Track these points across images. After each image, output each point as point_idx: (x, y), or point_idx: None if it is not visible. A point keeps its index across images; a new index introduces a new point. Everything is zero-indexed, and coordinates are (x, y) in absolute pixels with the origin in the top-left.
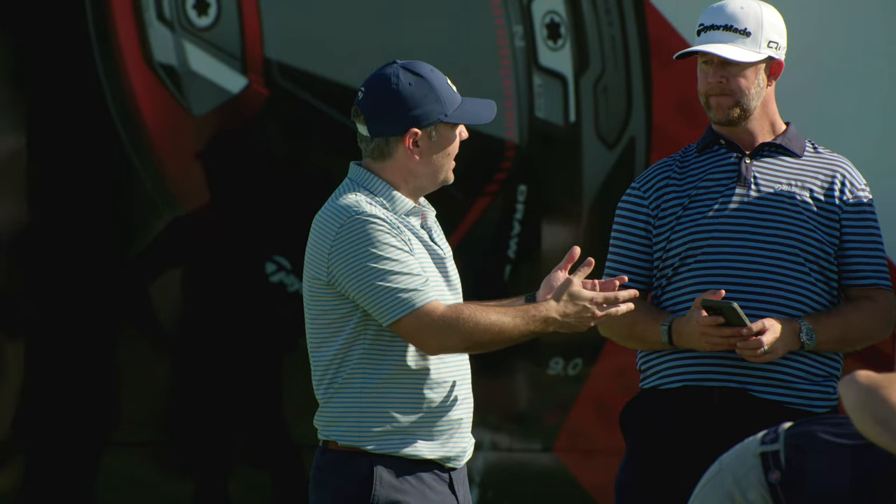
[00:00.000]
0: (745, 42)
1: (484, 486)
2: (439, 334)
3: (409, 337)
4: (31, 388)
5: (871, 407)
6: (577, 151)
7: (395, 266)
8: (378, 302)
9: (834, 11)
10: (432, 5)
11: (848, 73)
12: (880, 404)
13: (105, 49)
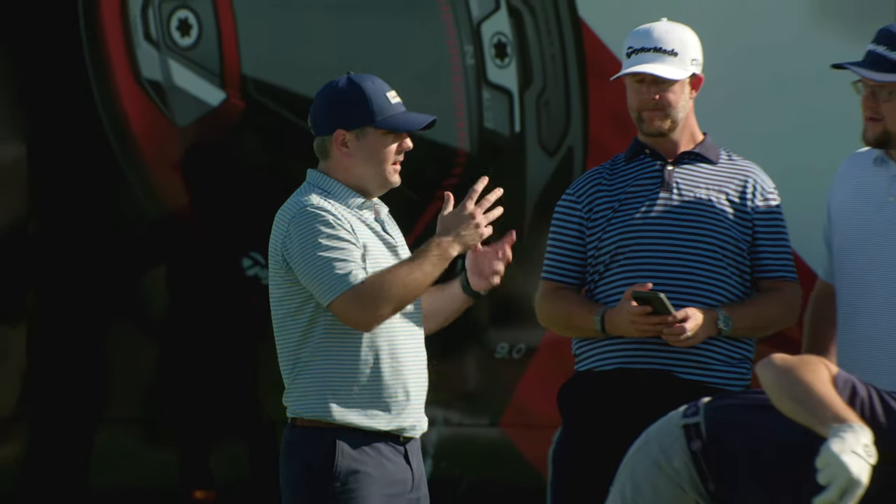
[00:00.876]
0: (674, 61)
1: (437, 457)
2: (368, 308)
3: (344, 317)
4: (33, 369)
5: (787, 386)
6: (521, 158)
7: (333, 253)
8: (317, 286)
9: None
10: (392, 27)
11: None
12: (795, 384)
13: (98, 66)
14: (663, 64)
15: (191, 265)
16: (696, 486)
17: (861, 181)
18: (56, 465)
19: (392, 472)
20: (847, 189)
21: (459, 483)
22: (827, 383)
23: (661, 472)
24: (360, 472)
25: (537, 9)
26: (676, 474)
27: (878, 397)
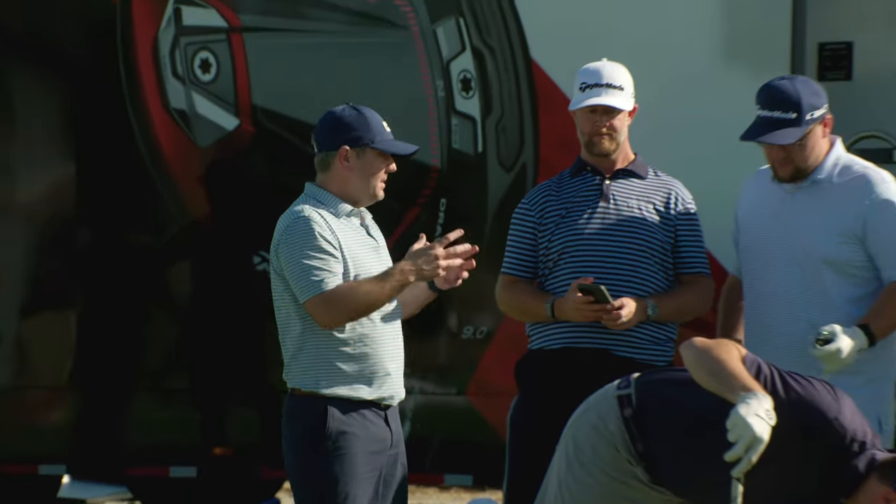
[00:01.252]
0: (621, 95)
1: (413, 420)
2: (327, 313)
3: (312, 316)
4: (82, 347)
5: (705, 363)
6: (483, 173)
7: (313, 262)
8: (296, 287)
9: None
10: (379, 66)
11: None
12: (711, 361)
13: (134, 97)
14: (614, 97)
15: (210, 261)
16: (627, 447)
17: (763, 194)
18: (100, 426)
19: (374, 432)
20: (751, 200)
21: (431, 442)
22: (737, 361)
23: (599, 434)
24: (348, 432)
25: (496, 51)
26: (611, 436)
27: (778, 375)
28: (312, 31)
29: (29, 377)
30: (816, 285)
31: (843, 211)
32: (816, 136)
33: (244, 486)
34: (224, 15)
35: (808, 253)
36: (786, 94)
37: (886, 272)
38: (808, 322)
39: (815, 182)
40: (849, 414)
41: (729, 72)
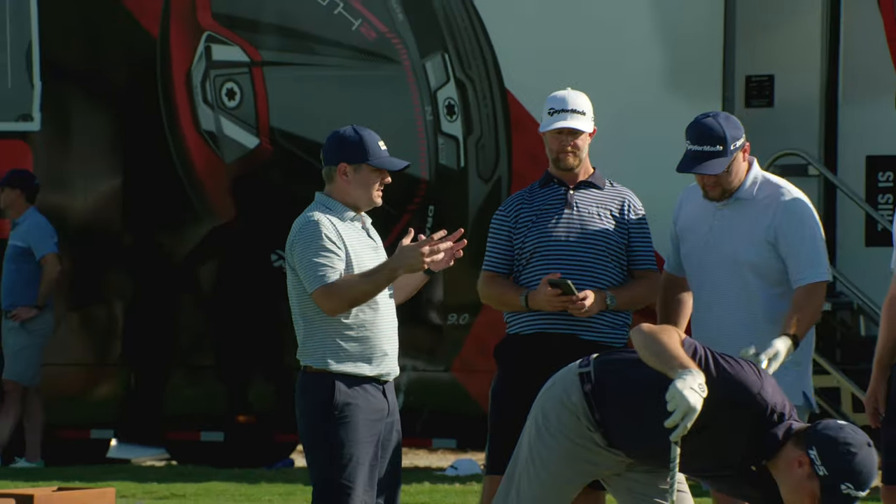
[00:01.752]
0: (584, 118)
1: (407, 393)
2: (328, 302)
3: (318, 304)
4: (129, 331)
5: (650, 345)
6: (465, 185)
7: (319, 259)
8: (304, 280)
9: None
10: (376, 94)
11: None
12: (655, 343)
13: (171, 120)
14: (578, 121)
15: (234, 258)
16: (587, 416)
17: (697, 208)
18: (143, 398)
19: (374, 404)
20: (688, 211)
21: (422, 412)
22: (677, 343)
23: (564, 405)
24: (352, 404)
25: (476, 81)
26: (574, 407)
27: (711, 356)
28: (321, 65)
29: (83, 357)
30: (743, 286)
31: (761, 222)
32: (739, 162)
33: (263, 448)
34: (247, 51)
35: (735, 259)
36: (712, 131)
37: (793, 276)
38: (738, 318)
39: (738, 198)
40: (770, 390)
41: (673, 99)
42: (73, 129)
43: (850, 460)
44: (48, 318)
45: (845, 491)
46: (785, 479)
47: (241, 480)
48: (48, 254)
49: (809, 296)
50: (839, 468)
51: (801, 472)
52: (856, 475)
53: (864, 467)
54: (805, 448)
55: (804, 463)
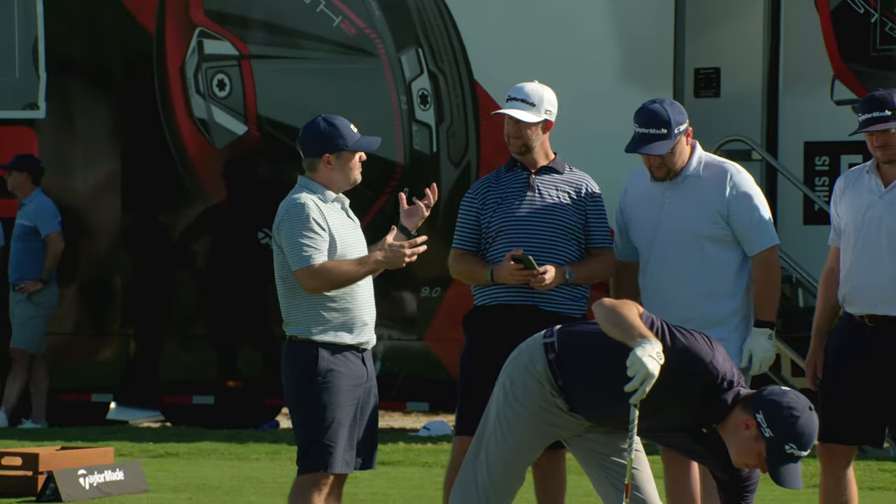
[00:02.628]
0: (532, 109)
1: (384, 360)
2: (312, 282)
3: (300, 282)
4: (128, 303)
5: (611, 317)
6: (437, 168)
7: (305, 240)
8: (290, 258)
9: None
10: (355, 85)
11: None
12: (616, 315)
13: (166, 109)
14: (524, 111)
15: (224, 236)
16: (550, 382)
17: (645, 189)
18: (140, 364)
19: (354, 370)
20: (635, 195)
21: (397, 377)
22: (636, 316)
23: (529, 373)
24: (334, 370)
25: (447, 73)
26: (539, 374)
27: (667, 328)
28: (305, 58)
29: (85, 326)
30: (700, 256)
31: (711, 196)
32: (682, 145)
33: (251, 411)
34: (236, 46)
35: (690, 232)
36: (658, 115)
37: (748, 246)
38: (696, 287)
39: (685, 178)
40: (721, 359)
41: (628, 90)
42: (76, 117)
43: (794, 423)
44: (53, 291)
45: (789, 451)
46: (733, 441)
47: (231, 440)
48: (52, 232)
49: (766, 264)
50: (783, 430)
51: (749, 434)
52: (799, 436)
53: (807, 429)
54: (752, 412)
55: (751, 426)
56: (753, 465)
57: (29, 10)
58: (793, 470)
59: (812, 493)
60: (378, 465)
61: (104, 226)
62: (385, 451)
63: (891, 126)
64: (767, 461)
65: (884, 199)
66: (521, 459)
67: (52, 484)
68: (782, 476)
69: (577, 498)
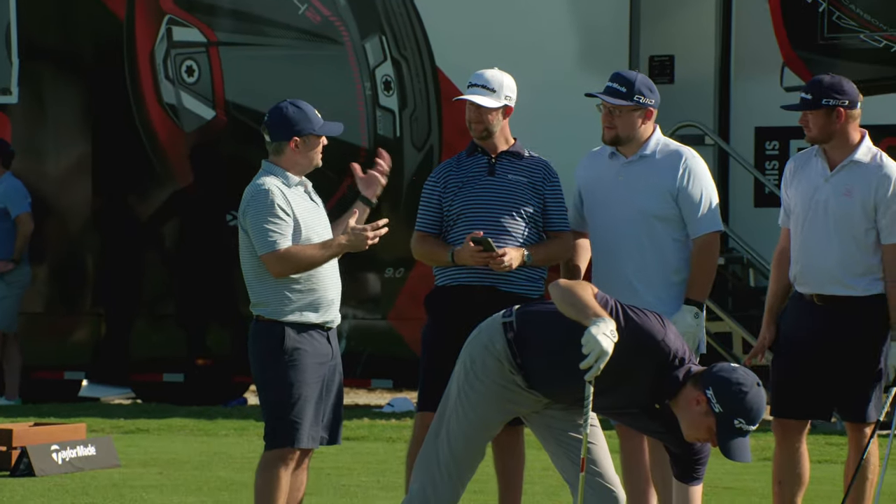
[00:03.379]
0: (492, 95)
1: (349, 339)
2: (278, 266)
3: (267, 267)
4: (99, 283)
5: (567, 297)
6: (400, 153)
7: (270, 226)
8: (255, 243)
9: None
10: (321, 71)
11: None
12: (572, 295)
13: (136, 94)
14: (484, 97)
15: (193, 218)
16: (509, 360)
17: (601, 168)
18: (111, 343)
19: (319, 348)
20: (590, 173)
21: (362, 355)
22: (591, 296)
23: (489, 351)
24: (300, 348)
25: (410, 60)
26: (498, 353)
27: (620, 307)
28: (271, 45)
29: (57, 306)
30: (650, 232)
31: (664, 177)
32: (637, 119)
33: (220, 388)
34: (204, 33)
35: (643, 210)
36: (626, 76)
37: (690, 228)
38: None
39: (642, 157)
40: (672, 337)
41: (585, 77)
42: (48, 102)
43: (742, 398)
44: (25, 271)
45: (738, 425)
46: (684, 416)
47: (200, 417)
48: (22, 213)
49: (705, 247)
50: (732, 405)
51: (699, 410)
52: (747, 411)
53: (755, 404)
54: (702, 388)
55: (702, 401)
56: (704, 439)
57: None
58: (742, 444)
59: (762, 466)
60: (343, 440)
61: (76, 208)
62: (350, 427)
63: (806, 108)
64: (717, 435)
65: (829, 183)
66: (481, 435)
67: (26, 459)
68: (732, 450)
69: (536, 472)
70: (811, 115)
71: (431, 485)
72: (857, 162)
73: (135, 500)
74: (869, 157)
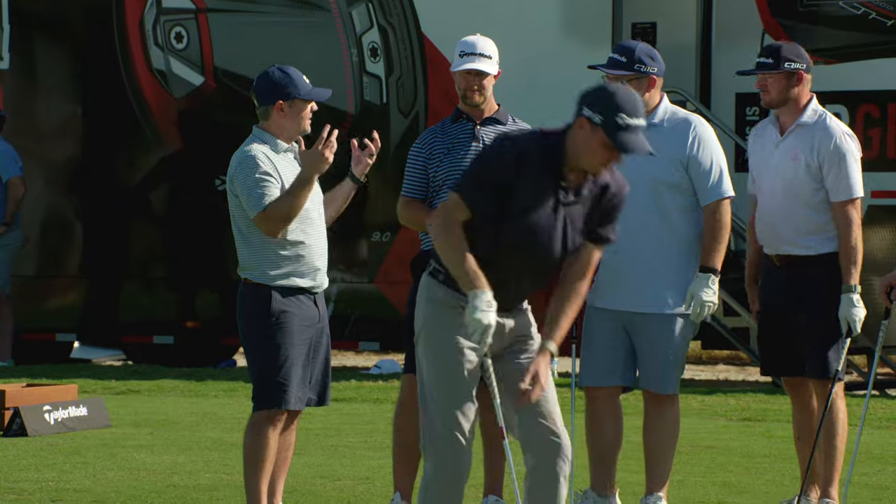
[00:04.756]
0: (490, 62)
1: (337, 302)
2: (269, 224)
3: (260, 228)
4: (88, 247)
5: (443, 251)
6: (387, 119)
7: (258, 188)
8: (245, 205)
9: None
10: (308, 38)
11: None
12: (446, 251)
13: (126, 60)
14: (484, 64)
15: (182, 182)
16: (450, 293)
17: None
18: (102, 305)
19: (306, 311)
20: None
21: (350, 318)
22: (461, 255)
23: (432, 302)
24: (287, 311)
25: (396, 27)
26: (439, 298)
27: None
28: (260, 12)
29: (48, 269)
30: (658, 201)
31: (673, 145)
32: (640, 86)
33: (209, 350)
34: (193, 0)
35: (653, 178)
36: (625, 46)
37: (701, 196)
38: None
39: (651, 125)
40: (521, 136)
41: (568, 44)
42: (39, 68)
43: (612, 98)
44: (17, 235)
45: (622, 122)
46: (582, 150)
47: (190, 378)
48: (13, 177)
49: (716, 214)
50: (608, 109)
51: (586, 132)
52: (622, 106)
53: (626, 97)
54: (578, 115)
55: (584, 124)
56: (606, 157)
57: None
58: (634, 138)
59: (743, 426)
60: (331, 401)
61: (66, 172)
62: (338, 389)
63: (764, 72)
64: (611, 142)
65: (779, 148)
66: (450, 380)
67: (19, 419)
68: (627, 144)
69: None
70: (771, 79)
71: (439, 455)
72: (803, 124)
73: (126, 459)
74: (814, 118)
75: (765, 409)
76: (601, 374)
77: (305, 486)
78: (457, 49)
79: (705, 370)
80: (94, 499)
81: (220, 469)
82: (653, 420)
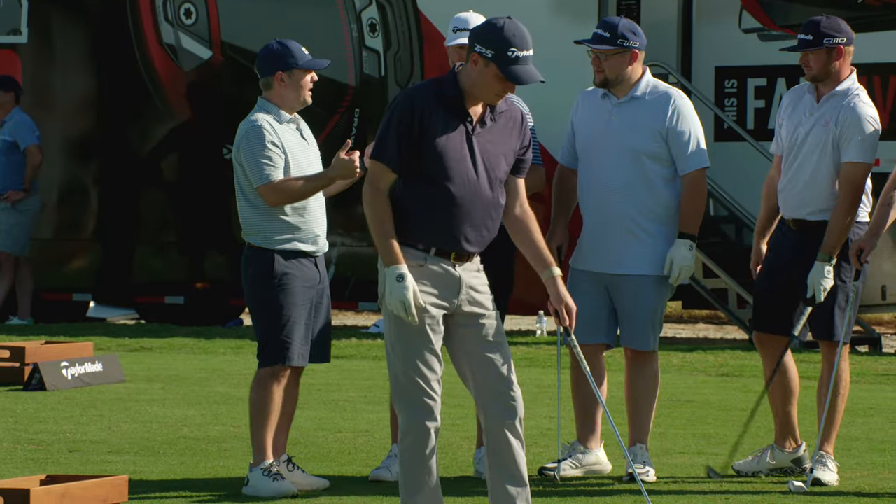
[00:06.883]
0: None
1: (337, 266)
2: (273, 196)
3: (262, 197)
4: (102, 212)
5: (372, 227)
6: (385, 91)
7: (263, 159)
8: (251, 175)
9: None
10: (310, 14)
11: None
12: (373, 224)
13: (138, 35)
14: None
15: (191, 151)
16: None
17: (594, 108)
18: (116, 267)
19: (307, 273)
20: (585, 112)
21: (350, 280)
22: (384, 224)
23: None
24: (289, 273)
25: (394, 4)
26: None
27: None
28: None
29: (65, 232)
30: (640, 170)
31: (654, 117)
32: (621, 60)
33: (217, 310)
34: None
35: (634, 148)
36: (608, 22)
37: (679, 165)
38: (631, 197)
39: (633, 98)
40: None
41: (557, 20)
42: (55, 42)
43: (500, 32)
44: (35, 200)
45: (512, 55)
46: (478, 84)
47: (199, 336)
48: (31, 145)
49: (694, 183)
50: (498, 43)
51: (480, 67)
52: (511, 39)
53: (515, 31)
54: (470, 51)
55: (477, 59)
56: (499, 90)
57: None
58: (526, 69)
59: (722, 381)
60: (332, 358)
61: (81, 141)
62: (339, 347)
63: (805, 49)
64: (503, 74)
65: (813, 116)
66: (417, 336)
67: (38, 374)
68: (519, 75)
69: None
70: (812, 55)
71: (407, 405)
72: (835, 94)
73: (139, 412)
74: (846, 90)
75: (742, 365)
76: (585, 332)
77: (308, 438)
78: (450, 25)
79: (686, 329)
80: (109, 449)
81: (227, 422)
82: (634, 376)
